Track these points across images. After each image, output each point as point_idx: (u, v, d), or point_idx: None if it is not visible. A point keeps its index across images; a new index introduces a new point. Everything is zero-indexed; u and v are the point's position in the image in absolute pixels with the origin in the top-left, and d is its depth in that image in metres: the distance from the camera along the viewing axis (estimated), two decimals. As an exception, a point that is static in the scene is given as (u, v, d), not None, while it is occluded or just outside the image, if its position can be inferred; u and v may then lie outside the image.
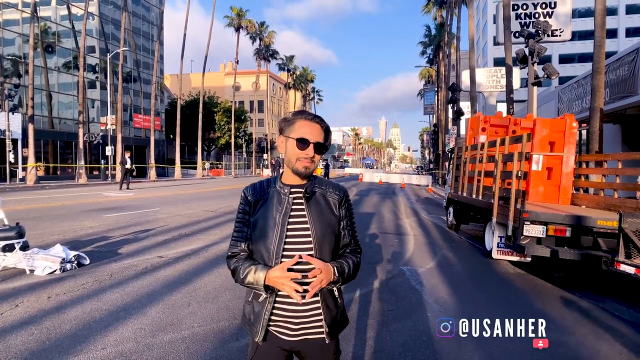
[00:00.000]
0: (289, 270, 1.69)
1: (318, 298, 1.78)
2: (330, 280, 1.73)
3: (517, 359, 3.79)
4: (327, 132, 1.83)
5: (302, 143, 1.77)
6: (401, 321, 4.65)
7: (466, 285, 6.37)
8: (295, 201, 1.83)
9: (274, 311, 1.79)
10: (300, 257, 1.73)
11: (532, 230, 6.48)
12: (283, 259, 1.75)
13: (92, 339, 3.92)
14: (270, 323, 1.81)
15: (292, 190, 1.84)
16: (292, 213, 1.81)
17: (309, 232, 1.78)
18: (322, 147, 1.80)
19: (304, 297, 1.68)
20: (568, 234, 6.39)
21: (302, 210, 1.82)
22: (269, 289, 1.74)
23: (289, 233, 1.78)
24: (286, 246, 1.77)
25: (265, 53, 58.68)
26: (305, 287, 1.69)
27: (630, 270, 4.90)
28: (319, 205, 1.85)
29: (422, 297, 5.55)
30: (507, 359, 3.78)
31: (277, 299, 1.79)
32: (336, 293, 1.85)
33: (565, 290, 6.15)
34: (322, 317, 1.79)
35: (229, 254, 1.88)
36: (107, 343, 3.85)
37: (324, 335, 1.80)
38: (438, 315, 4.89)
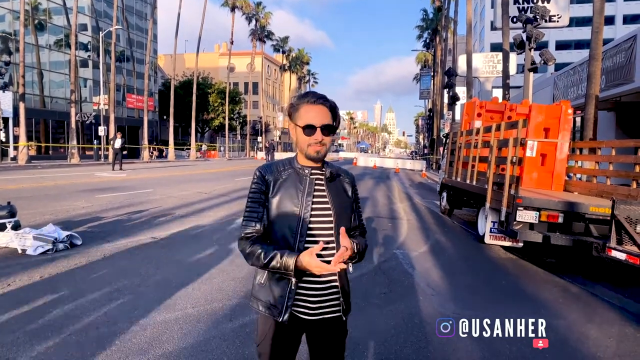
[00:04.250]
0: (318, 255, 1.69)
1: (336, 277, 1.82)
2: (350, 255, 1.74)
3: (507, 342, 3.83)
4: (333, 110, 1.82)
5: (309, 129, 1.77)
6: (394, 304, 4.69)
7: (458, 270, 6.42)
8: (316, 181, 1.84)
9: (296, 290, 1.80)
10: (314, 236, 1.78)
11: (525, 216, 6.52)
12: (308, 238, 1.77)
13: (85, 319, 3.91)
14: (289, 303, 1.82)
15: (313, 171, 1.85)
16: (314, 193, 1.82)
17: (329, 212, 1.81)
18: (331, 128, 1.80)
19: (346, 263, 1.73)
20: (560, 220, 6.44)
21: (323, 191, 1.83)
22: (298, 273, 1.72)
23: (313, 212, 1.79)
24: (311, 225, 1.78)
25: (261, 34, 58.00)
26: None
27: (622, 256, 4.96)
28: (337, 187, 1.89)
29: (414, 281, 5.59)
30: (497, 342, 3.83)
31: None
32: (350, 267, 1.86)
33: (556, 275, 6.22)
34: (338, 295, 1.84)
35: (242, 235, 1.83)
36: (99, 323, 3.85)
37: (340, 314, 1.85)
38: (430, 298, 4.93)
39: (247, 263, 1.82)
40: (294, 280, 1.75)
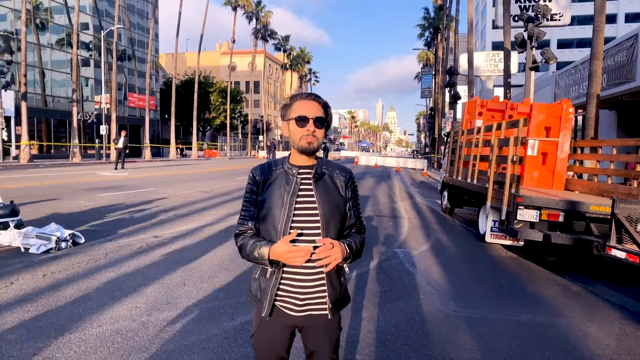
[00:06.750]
0: (292, 242, 1.75)
1: (323, 275, 1.83)
2: (344, 257, 1.78)
3: (507, 339, 3.86)
4: (325, 107, 1.87)
5: (302, 121, 1.81)
6: (394, 302, 4.71)
7: (459, 268, 6.44)
8: (303, 181, 1.86)
9: (281, 286, 1.84)
10: (301, 234, 1.78)
11: (526, 215, 6.53)
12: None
13: (88, 317, 3.95)
14: (277, 298, 1.85)
15: (301, 170, 1.87)
16: (300, 193, 1.84)
17: (316, 212, 1.82)
18: (323, 121, 1.83)
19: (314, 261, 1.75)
20: (561, 219, 6.45)
21: (310, 190, 1.85)
22: (273, 263, 1.79)
23: (296, 212, 1.81)
24: (293, 225, 1.80)
25: (263, 33, 57.98)
26: (311, 259, 1.73)
27: (621, 255, 4.97)
28: (327, 186, 1.89)
29: (415, 279, 5.61)
30: (497, 340, 3.85)
31: (284, 275, 1.83)
32: (344, 267, 1.91)
33: (557, 274, 6.24)
34: (326, 293, 1.84)
35: (236, 232, 1.93)
36: (102, 321, 3.88)
37: (327, 312, 1.86)
38: (431, 297, 4.95)
39: (242, 258, 1.89)
40: (269, 269, 1.81)
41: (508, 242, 7.47)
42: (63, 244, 6.23)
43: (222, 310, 4.23)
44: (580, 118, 16.17)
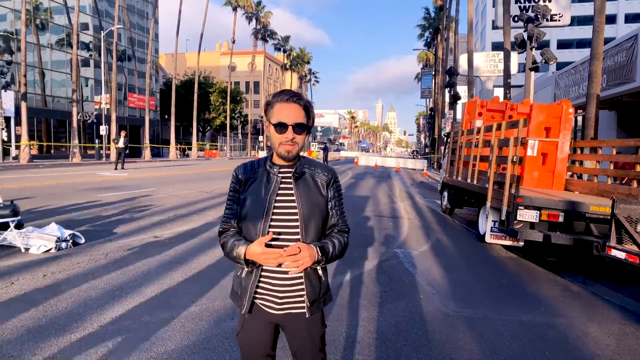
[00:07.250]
0: (267, 245, 1.75)
1: (302, 274, 1.84)
2: (314, 260, 1.77)
3: (507, 340, 3.86)
4: (307, 109, 1.83)
5: (281, 127, 1.79)
6: (394, 302, 4.71)
7: (459, 268, 6.44)
8: (283, 180, 1.87)
9: (260, 284, 1.86)
10: (279, 233, 1.80)
11: (526, 215, 6.53)
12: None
13: (88, 317, 3.95)
14: (257, 296, 1.87)
15: (281, 170, 1.88)
16: (279, 192, 1.85)
17: (296, 211, 1.82)
18: (303, 127, 1.81)
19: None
20: (561, 219, 6.46)
21: (290, 189, 1.86)
22: (249, 262, 1.81)
23: (275, 211, 1.82)
24: (272, 223, 1.81)
25: (263, 33, 57.96)
26: (286, 263, 1.73)
27: (621, 255, 4.97)
28: (307, 185, 1.89)
29: (415, 279, 5.61)
30: (497, 339, 3.85)
31: (263, 273, 1.85)
32: (320, 270, 1.90)
33: (557, 274, 6.24)
34: (304, 292, 1.85)
35: (220, 229, 1.95)
36: (103, 321, 3.88)
37: (305, 310, 1.85)
38: (431, 297, 4.95)
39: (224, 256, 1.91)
40: (246, 268, 1.84)
41: (508, 243, 7.48)
42: (63, 244, 6.23)
43: (222, 311, 4.23)
44: (580, 118, 16.16)
